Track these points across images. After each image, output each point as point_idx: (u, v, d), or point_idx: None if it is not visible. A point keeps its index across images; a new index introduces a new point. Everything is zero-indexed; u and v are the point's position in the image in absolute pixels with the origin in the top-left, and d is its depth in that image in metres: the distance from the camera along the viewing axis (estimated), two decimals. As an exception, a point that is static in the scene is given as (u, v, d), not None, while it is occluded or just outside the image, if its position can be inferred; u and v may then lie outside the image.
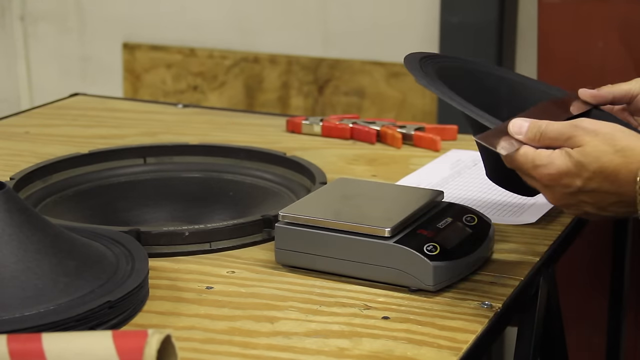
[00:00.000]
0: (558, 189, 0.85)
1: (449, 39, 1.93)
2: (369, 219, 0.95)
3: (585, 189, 0.84)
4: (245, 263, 0.99)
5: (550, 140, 0.85)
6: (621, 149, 0.82)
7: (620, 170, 0.81)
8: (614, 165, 0.82)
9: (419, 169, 1.28)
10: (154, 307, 0.89)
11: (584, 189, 0.84)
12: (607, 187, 0.83)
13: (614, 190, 0.82)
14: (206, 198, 1.22)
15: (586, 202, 0.85)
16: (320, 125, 1.44)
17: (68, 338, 0.72)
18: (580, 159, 0.83)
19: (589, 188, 0.83)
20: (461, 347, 0.82)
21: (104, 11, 2.32)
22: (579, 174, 0.83)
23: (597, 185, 0.83)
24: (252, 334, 0.85)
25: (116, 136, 1.43)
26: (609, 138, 0.83)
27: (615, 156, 0.82)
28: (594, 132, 0.83)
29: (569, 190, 0.84)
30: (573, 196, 0.85)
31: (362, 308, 0.89)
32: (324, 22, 2.13)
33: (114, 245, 0.94)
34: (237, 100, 2.22)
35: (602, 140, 0.83)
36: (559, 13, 1.58)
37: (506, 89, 1.07)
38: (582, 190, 0.84)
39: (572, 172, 0.83)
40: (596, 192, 0.83)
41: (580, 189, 0.84)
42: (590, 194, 0.84)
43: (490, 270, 0.97)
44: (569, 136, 0.84)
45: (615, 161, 0.82)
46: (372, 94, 2.10)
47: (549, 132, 0.85)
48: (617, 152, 0.82)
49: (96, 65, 2.36)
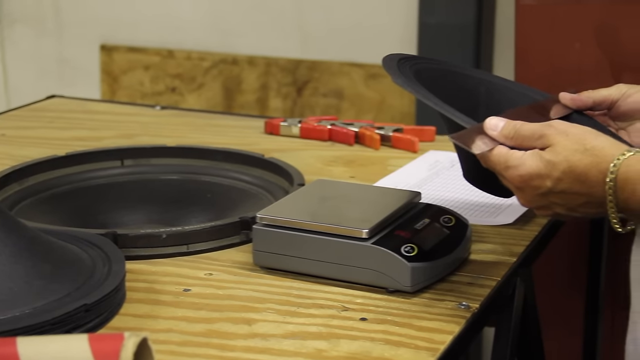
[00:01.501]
0: (529, 191, 0.85)
1: (427, 40, 1.94)
2: (346, 220, 0.95)
3: (556, 190, 0.84)
4: (222, 265, 0.99)
5: (524, 138, 0.85)
6: (591, 148, 0.82)
7: (589, 170, 0.82)
8: (584, 165, 0.82)
9: (397, 170, 1.28)
10: (131, 310, 0.89)
11: (554, 189, 0.84)
12: (577, 188, 0.83)
13: (584, 191, 0.83)
14: (184, 200, 1.21)
15: (556, 204, 0.85)
16: (299, 127, 1.44)
17: (43, 342, 0.72)
18: (550, 158, 0.83)
19: (559, 189, 0.84)
20: (438, 348, 0.82)
21: (81, 13, 2.31)
22: (549, 174, 0.83)
23: (567, 186, 0.83)
24: (229, 336, 0.84)
25: (93, 138, 1.42)
26: (579, 138, 0.83)
27: (585, 155, 0.82)
28: (564, 132, 0.84)
29: (540, 191, 0.84)
30: (544, 197, 0.85)
31: (339, 309, 0.89)
32: (303, 23, 2.13)
33: (90, 248, 0.93)
34: (215, 102, 2.22)
35: (572, 140, 0.83)
36: (536, 15, 1.59)
37: (485, 91, 1.07)
38: (553, 191, 0.84)
39: (542, 173, 0.83)
40: (566, 192, 0.84)
41: (551, 189, 0.84)
42: (560, 195, 0.84)
43: (467, 271, 0.97)
44: (540, 135, 0.84)
45: (585, 161, 0.82)
46: (350, 95, 2.11)
47: (522, 131, 0.85)
48: (586, 151, 0.82)
49: (73, 67, 2.35)
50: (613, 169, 0.80)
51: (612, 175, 0.80)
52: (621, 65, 1.57)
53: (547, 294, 1.54)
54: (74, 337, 0.72)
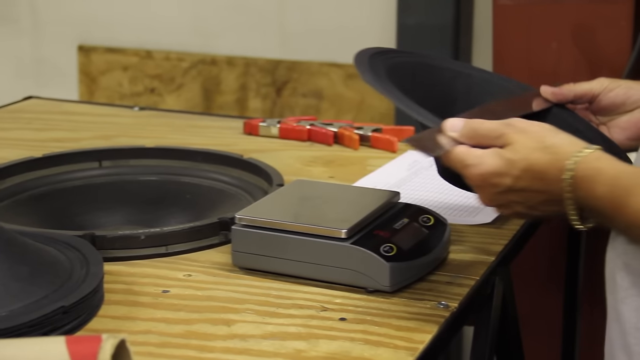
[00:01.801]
0: (488, 189, 0.85)
1: (405, 40, 1.94)
2: (325, 220, 0.95)
3: (515, 188, 0.83)
4: (201, 266, 0.99)
5: (482, 137, 0.85)
6: (550, 146, 0.82)
7: (548, 168, 0.81)
8: (542, 163, 0.82)
9: (376, 170, 1.28)
10: (109, 312, 0.88)
11: (513, 187, 0.83)
12: (536, 186, 0.83)
13: (543, 189, 0.82)
14: (162, 201, 1.21)
15: (516, 202, 0.85)
16: (278, 127, 1.43)
17: (20, 344, 0.71)
18: (509, 156, 0.83)
19: (518, 187, 0.83)
20: (418, 347, 0.83)
21: (58, 13, 2.29)
22: (508, 172, 0.83)
23: (526, 184, 0.83)
24: (208, 337, 0.84)
25: (71, 139, 1.41)
26: (537, 136, 0.83)
27: (543, 153, 0.82)
28: (523, 130, 0.84)
29: (499, 189, 0.84)
30: (503, 195, 0.85)
31: (319, 310, 0.89)
32: (281, 23, 2.12)
33: (68, 250, 0.92)
34: (194, 103, 2.21)
35: (531, 138, 0.83)
36: (514, 15, 1.60)
37: (463, 83, 1.07)
38: (512, 189, 0.84)
39: (501, 171, 0.83)
40: (525, 191, 0.83)
41: (510, 188, 0.84)
42: (519, 193, 0.84)
43: (446, 270, 0.98)
44: (499, 134, 0.84)
45: (543, 159, 0.82)
46: (330, 95, 2.11)
47: (481, 130, 0.85)
48: (545, 149, 0.82)
49: (51, 68, 2.33)
50: (571, 166, 0.80)
51: (570, 172, 0.80)
52: (598, 64, 1.58)
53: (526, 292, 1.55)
54: (51, 339, 0.71)
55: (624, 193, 0.76)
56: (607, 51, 1.57)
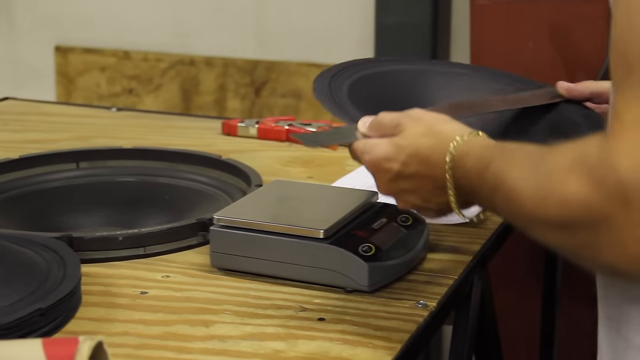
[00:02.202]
0: (380, 175, 0.85)
1: (384, 40, 1.95)
2: (304, 220, 0.95)
3: (404, 174, 0.84)
4: (180, 267, 0.98)
5: (384, 128, 0.85)
6: (438, 131, 0.82)
7: (432, 152, 0.82)
8: (426, 147, 0.82)
9: (355, 170, 1.28)
10: (87, 314, 0.88)
11: (402, 174, 0.84)
12: (422, 171, 0.82)
13: (428, 174, 0.82)
14: (140, 202, 1.20)
15: (408, 191, 0.85)
16: (256, 128, 1.43)
17: (-4, 347, 0.70)
18: (398, 142, 0.84)
19: (406, 173, 0.83)
20: (396, 347, 0.83)
21: (35, 13, 2.28)
22: (396, 157, 0.83)
23: (414, 170, 0.83)
24: (186, 338, 0.84)
25: (48, 141, 1.40)
26: (429, 123, 0.84)
27: (429, 138, 0.82)
28: (418, 118, 0.84)
29: (389, 176, 0.84)
30: (394, 183, 0.85)
31: (297, 310, 0.89)
32: (260, 24, 2.12)
33: (45, 252, 0.92)
34: (173, 103, 2.20)
35: (422, 125, 0.83)
36: (491, 14, 1.61)
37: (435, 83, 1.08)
38: (401, 175, 0.84)
39: (389, 157, 0.84)
40: (414, 177, 0.83)
41: (399, 173, 0.84)
42: (408, 179, 0.84)
43: (425, 270, 0.98)
44: (397, 123, 0.85)
45: (428, 143, 0.82)
46: (309, 95, 2.10)
47: (383, 122, 0.86)
48: (432, 134, 0.82)
49: (27, 68, 2.32)
50: (452, 150, 0.80)
51: (451, 154, 0.80)
52: (575, 64, 1.59)
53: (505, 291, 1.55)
54: (27, 342, 0.71)
55: (486, 162, 0.76)
56: (583, 50, 1.58)
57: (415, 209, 0.87)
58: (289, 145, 1.40)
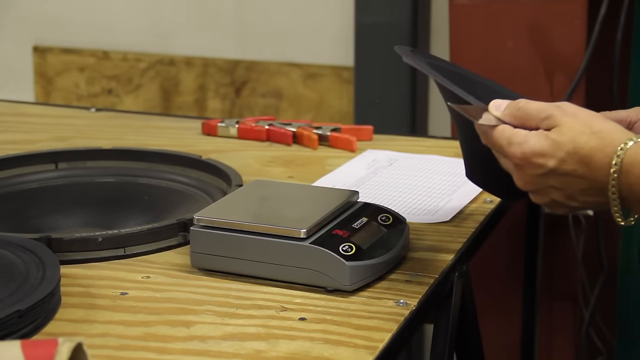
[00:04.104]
0: (528, 170, 0.83)
1: (363, 39, 1.95)
2: (284, 220, 0.95)
3: (558, 172, 0.81)
4: (160, 268, 0.98)
5: (529, 116, 0.83)
6: (598, 131, 0.80)
7: (595, 153, 0.79)
8: (589, 147, 0.80)
9: (335, 169, 1.28)
10: (67, 315, 0.87)
11: (556, 171, 0.81)
12: (580, 171, 0.80)
13: (587, 175, 0.80)
14: (120, 203, 1.20)
15: (555, 188, 0.82)
16: (236, 128, 1.43)
17: (-26, 350, 0.70)
18: (555, 138, 0.81)
19: (561, 171, 0.81)
20: (377, 346, 0.83)
21: (12, 13, 2.26)
22: (553, 154, 0.81)
23: (571, 168, 0.81)
24: (167, 339, 0.84)
25: (26, 141, 1.39)
26: (586, 120, 0.81)
27: (592, 138, 0.80)
28: (572, 114, 0.82)
29: (540, 171, 0.82)
30: (543, 179, 0.82)
31: (278, 310, 0.89)
32: (240, 23, 2.12)
33: (23, 253, 0.91)
34: (153, 104, 2.20)
35: (579, 122, 0.81)
36: (470, 14, 1.61)
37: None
38: (554, 173, 0.81)
39: (546, 152, 0.81)
40: (568, 176, 0.81)
41: (552, 170, 0.81)
42: (561, 177, 0.81)
43: (405, 269, 0.98)
44: (547, 115, 0.82)
45: (591, 143, 0.80)
46: (289, 95, 2.10)
47: (528, 109, 0.83)
48: (593, 133, 0.80)
49: (5, 69, 2.30)
50: (619, 153, 0.78)
51: (618, 158, 0.78)
52: (554, 63, 1.60)
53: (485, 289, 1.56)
54: (5, 343, 0.70)
55: None
56: (562, 50, 1.59)
57: (552, 204, 0.84)
58: (269, 145, 1.40)
